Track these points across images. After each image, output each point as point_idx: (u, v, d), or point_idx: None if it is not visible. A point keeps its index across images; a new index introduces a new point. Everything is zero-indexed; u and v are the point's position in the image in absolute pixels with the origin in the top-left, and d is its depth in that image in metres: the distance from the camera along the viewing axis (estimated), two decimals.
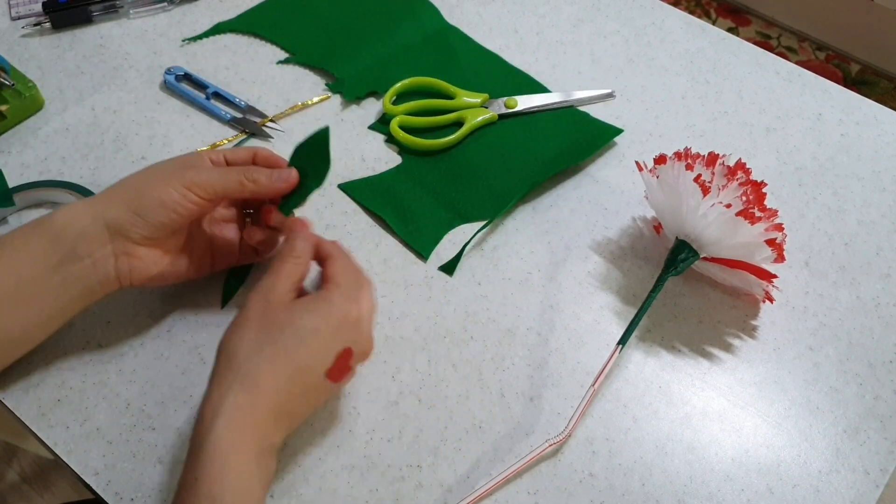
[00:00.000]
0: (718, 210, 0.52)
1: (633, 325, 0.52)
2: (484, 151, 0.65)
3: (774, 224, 0.52)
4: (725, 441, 0.51)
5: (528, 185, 0.62)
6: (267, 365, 0.42)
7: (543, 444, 0.49)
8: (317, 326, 0.44)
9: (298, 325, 0.43)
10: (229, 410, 0.40)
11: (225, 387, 0.41)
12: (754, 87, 0.71)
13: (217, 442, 0.40)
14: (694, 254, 0.54)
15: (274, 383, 0.42)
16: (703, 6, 1.98)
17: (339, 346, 0.45)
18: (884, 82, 1.84)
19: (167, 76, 0.68)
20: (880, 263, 0.60)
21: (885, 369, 0.54)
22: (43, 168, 0.62)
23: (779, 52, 1.83)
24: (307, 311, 0.44)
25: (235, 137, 0.65)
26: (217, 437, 0.40)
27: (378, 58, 0.71)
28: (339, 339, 0.45)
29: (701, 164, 0.54)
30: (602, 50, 0.74)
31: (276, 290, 0.45)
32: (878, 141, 0.68)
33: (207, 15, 0.74)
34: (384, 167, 0.64)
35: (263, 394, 0.42)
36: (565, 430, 0.49)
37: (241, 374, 0.42)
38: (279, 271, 0.46)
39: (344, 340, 0.45)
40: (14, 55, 0.70)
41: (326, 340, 0.44)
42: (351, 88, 0.68)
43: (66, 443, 0.49)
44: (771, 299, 0.55)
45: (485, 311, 0.56)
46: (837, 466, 0.50)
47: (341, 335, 0.45)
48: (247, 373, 0.42)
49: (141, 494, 0.47)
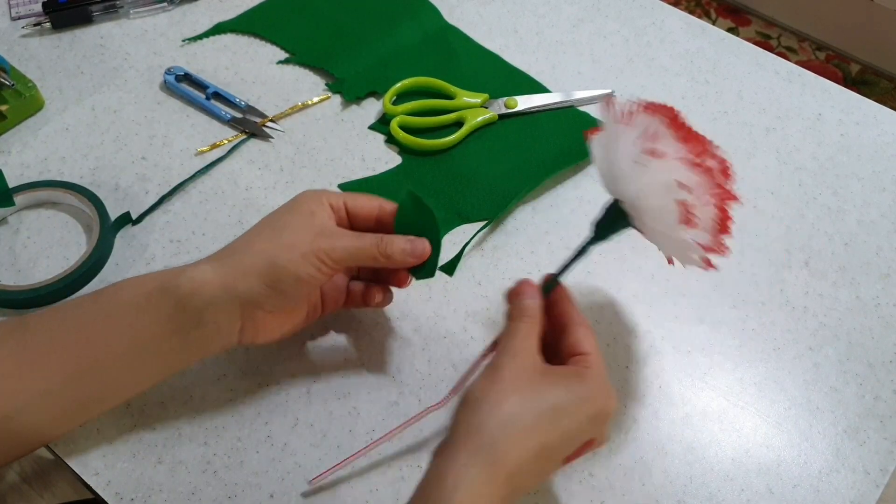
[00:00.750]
0: None
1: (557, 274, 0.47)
2: (484, 152, 0.65)
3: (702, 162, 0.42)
4: (725, 441, 0.51)
5: (528, 185, 0.62)
6: (517, 440, 0.39)
7: (424, 409, 0.48)
8: (575, 412, 0.41)
9: (556, 405, 0.40)
10: (472, 486, 0.38)
11: (471, 454, 0.39)
12: (754, 87, 0.71)
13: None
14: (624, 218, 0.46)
15: (518, 460, 0.39)
16: (703, 6, 1.99)
17: (587, 437, 0.42)
18: (884, 82, 1.84)
19: (167, 76, 0.68)
20: (880, 263, 0.60)
21: (885, 369, 0.54)
22: (43, 168, 0.62)
23: (779, 52, 1.83)
24: (566, 389, 0.41)
25: (235, 137, 0.65)
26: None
27: (378, 58, 0.71)
28: (590, 430, 0.42)
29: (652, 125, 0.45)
30: (602, 50, 0.74)
31: (523, 351, 0.42)
32: (878, 141, 0.68)
33: (207, 15, 0.74)
34: (384, 167, 0.64)
35: (507, 470, 0.39)
36: (445, 397, 0.48)
37: (490, 444, 0.39)
38: (516, 332, 0.43)
39: (593, 431, 0.42)
40: (14, 55, 0.70)
41: (580, 429, 0.41)
42: (351, 88, 0.68)
43: (66, 443, 0.49)
44: (710, 264, 0.45)
45: (485, 311, 0.56)
46: (837, 466, 0.50)
47: (593, 426, 0.42)
48: (495, 443, 0.39)
49: (141, 494, 0.47)
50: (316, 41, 0.72)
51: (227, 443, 0.49)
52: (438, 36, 0.73)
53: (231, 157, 0.64)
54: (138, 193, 0.61)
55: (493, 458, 0.38)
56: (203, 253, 0.58)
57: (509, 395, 0.40)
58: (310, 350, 0.53)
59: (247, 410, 0.51)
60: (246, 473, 0.48)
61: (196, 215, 0.60)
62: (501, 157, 0.64)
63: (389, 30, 0.73)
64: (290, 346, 0.53)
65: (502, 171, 0.63)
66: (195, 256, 0.58)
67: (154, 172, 0.62)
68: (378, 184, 0.62)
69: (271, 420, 0.50)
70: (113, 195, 0.61)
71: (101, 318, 0.45)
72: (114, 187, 0.61)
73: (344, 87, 0.68)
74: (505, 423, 0.39)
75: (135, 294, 0.45)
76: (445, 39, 0.73)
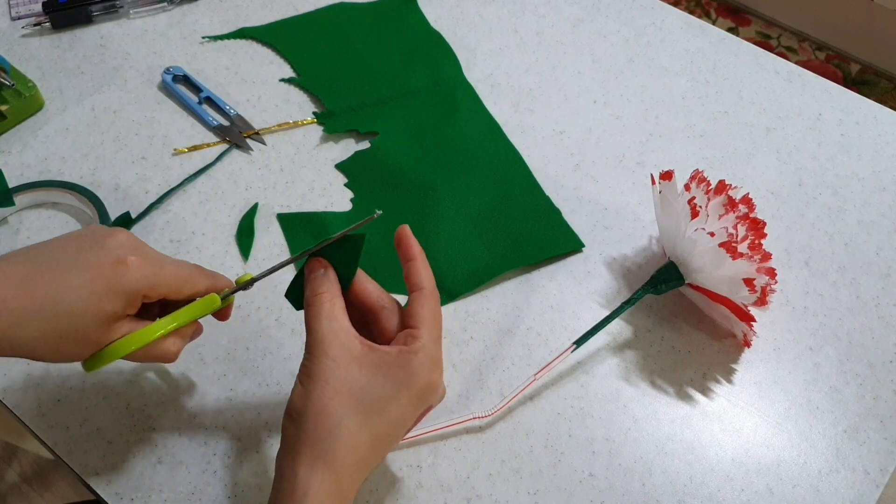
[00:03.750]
0: (704, 237, 0.50)
1: (595, 330, 0.52)
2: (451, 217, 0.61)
3: (764, 267, 0.50)
4: (725, 441, 0.51)
5: (491, 273, 0.58)
6: (349, 442, 0.40)
7: (468, 415, 0.49)
8: (399, 398, 0.41)
9: (379, 396, 0.40)
10: (318, 491, 0.39)
11: (311, 464, 0.39)
12: (754, 87, 0.71)
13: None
14: (679, 278, 0.53)
15: (355, 457, 0.40)
16: (703, 6, 1.98)
17: (419, 411, 0.43)
18: (884, 82, 1.84)
19: (165, 76, 0.68)
20: (880, 263, 0.60)
21: (885, 369, 0.54)
22: (43, 168, 0.62)
23: (779, 52, 1.83)
24: (386, 378, 0.41)
25: (216, 144, 0.64)
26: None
27: (377, 97, 0.68)
28: (421, 405, 0.43)
29: (703, 189, 0.53)
30: (602, 50, 0.74)
31: (332, 340, 0.41)
32: (878, 141, 0.68)
33: (207, 15, 0.74)
34: (329, 208, 0.61)
35: (347, 469, 0.40)
36: (495, 407, 0.50)
37: (324, 453, 0.39)
38: (317, 316, 0.41)
39: (424, 404, 0.43)
40: (14, 55, 0.70)
41: (410, 410, 0.42)
42: (332, 123, 0.66)
43: (66, 443, 0.49)
44: (748, 344, 0.54)
45: (485, 311, 0.56)
46: (837, 466, 0.50)
47: (422, 402, 0.42)
48: (328, 451, 0.39)
49: (141, 494, 0.47)
50: (323, 68, 0.70)
51: (227, 443, 0.49)
52: (449, 89, 0.70)
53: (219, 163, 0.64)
54: (138, 193, 0.61)
55: (332, 464, 0.39)
56: (203, 252, 0.58)
57: (330, 401, 0.40)
58: None
59: (247, 410, 0.51)
60: (246, 473, 0.48)
61: (196, 215, 0.60)
62: (469, 227, 0.60)
63: (403, 70, 0.71)
64: (290, 346, 0.53)
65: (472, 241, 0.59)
66: (195, 256, 0.58)
67: (154, 172, 0.62)
68: (314, 221, 0.60)
69: (271, 420, 0.50)
70: (113, 195, 0.61)
71: None
72: (114, 187, 0.61)
73: (327, 120, 0.66)
74: (331, 431, 0.39)
75: None
76: (453, 95, 0.69)
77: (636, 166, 0.65)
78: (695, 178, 0.54)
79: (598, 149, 0.66)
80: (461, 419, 0.49)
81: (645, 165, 0.65)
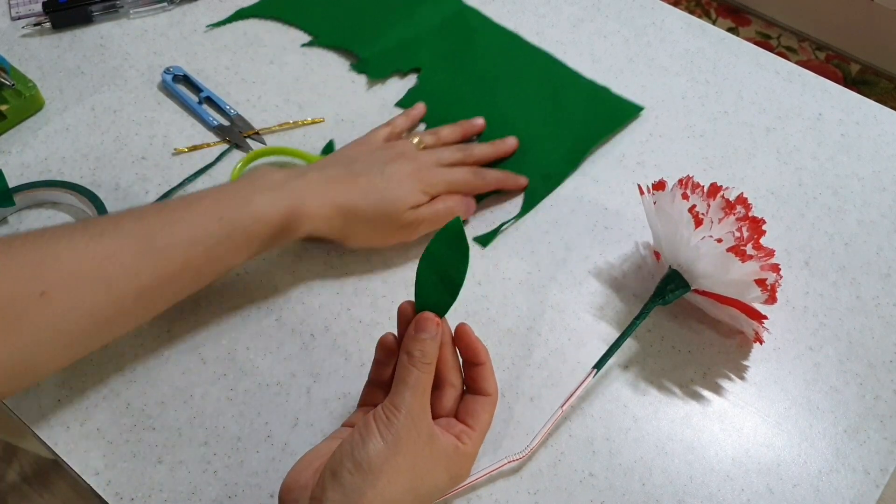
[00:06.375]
0: (710, 244, 0.50)
1: (612, 352, 0.51)
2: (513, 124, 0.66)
3: (769, 264, 0.50)
4: (725, 441, 0.51)
5: (568, 166, 0.64)
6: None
7: (502, 460, 0.48)
8: (443, 487, 0.44)
9: (435, 486, 0.43)
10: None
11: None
12: (754, 87, 0.71)
13: None
14: (684, 285, 0.52)
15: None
16: (703, 6, 1.99)
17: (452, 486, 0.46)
18: (884, 82, 1.84)
19: (165, 75, 0.68)
20: (880, 263, 0.60)
21: (885, 369, 0.54)
22: (43, 168, 0.62)
23: (779, 52, 1.83)
24: (445, 470, 0.43)
25: (216, 144, 0.64)
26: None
27: (399, 40, 0.72)
28: (455, 482, 0.45)
29: (699, 195, 0.52)
30: (602, 50, 0.74)
31: (421, 414, 0.41)
32: (878, 141, 0.68)
33: (207, 15, 0.74)
34: None
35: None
36: (527, 448, 0.49)
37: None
38: (417, 385, 0.41)
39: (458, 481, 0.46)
40: (14, 55, 0.70)
41: (441, 492, 0.45)
42: (375, 68, 0.70)
43: (66, 443, 0.49)
44: (761, 340, 0.54)
45: (485, 311, 0.56)
46: (837, 466, 0.50)
47: (458, 481, 0.46)
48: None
49: (141, 494, 0.47)
50: (338, 24, 0.73)
51: (227, 443, 0.49)
52: (457, 19, 0.74)
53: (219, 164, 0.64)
54: (138, 193, 0.61)
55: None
56: None
57: (400, 475, 0.40)
58: (310, 350, 0.53)
59: (247, 410, 0.51)
60: (246, 473, 0.48)
61: None
62: (531, 133, 0.65)
63: (408, 14, 0.74)
64: (290, 346, 0.53)
65: (533, 151, 0.65)
66: None
67: (154, 172, 0.62)
68: None
69: (271, 420, 0.50)
70: (113, 195, 0.61)
71: None
72: (114, 187, 0.61)
73: (369, 68, 0.70)
74: (388, 501, 0.39)
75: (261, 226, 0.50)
76: (464, 22, 0.74)
77: (636, 166, 0.65)
78: (686, 184, 0.53)
79: (597, 148, 0.66)
80: (497, 464, 0.48)
81: (645, 165, 0.65)
